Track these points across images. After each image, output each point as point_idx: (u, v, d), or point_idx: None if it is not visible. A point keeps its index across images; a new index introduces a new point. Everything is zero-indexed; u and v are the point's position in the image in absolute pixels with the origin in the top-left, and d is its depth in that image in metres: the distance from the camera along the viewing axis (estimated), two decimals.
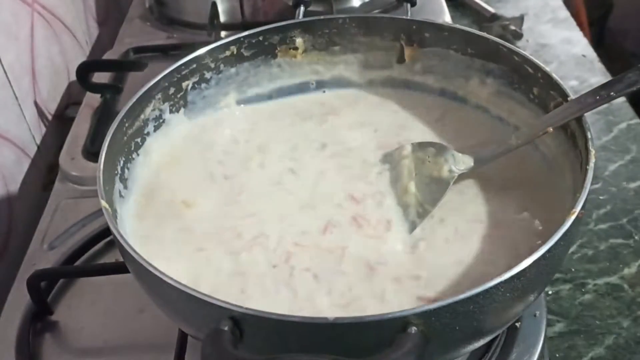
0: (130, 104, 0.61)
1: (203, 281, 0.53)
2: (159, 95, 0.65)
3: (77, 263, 0.73)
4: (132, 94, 0.62)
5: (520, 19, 1.17)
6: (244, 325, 0.42)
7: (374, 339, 0.42)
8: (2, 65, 0.85)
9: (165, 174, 0.64)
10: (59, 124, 1.00)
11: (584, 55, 1.12)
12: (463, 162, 0.60)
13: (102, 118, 0.91)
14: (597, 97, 0.55)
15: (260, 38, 0.71)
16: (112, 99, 0.96)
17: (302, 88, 0.74)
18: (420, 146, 0.63)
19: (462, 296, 0.42)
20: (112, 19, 1.29)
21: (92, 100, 0.96)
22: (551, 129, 0.57)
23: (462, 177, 0.60)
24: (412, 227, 0.57)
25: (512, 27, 1.15)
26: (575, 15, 1.32)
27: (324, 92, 0.74)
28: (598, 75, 1.06)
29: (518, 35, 1.15)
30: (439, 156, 0.61)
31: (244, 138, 0.68)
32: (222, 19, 1.09)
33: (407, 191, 0.59)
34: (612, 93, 0.54)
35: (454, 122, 0.68)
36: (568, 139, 0.58)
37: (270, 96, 0.73)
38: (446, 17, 1.08)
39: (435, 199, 0.58)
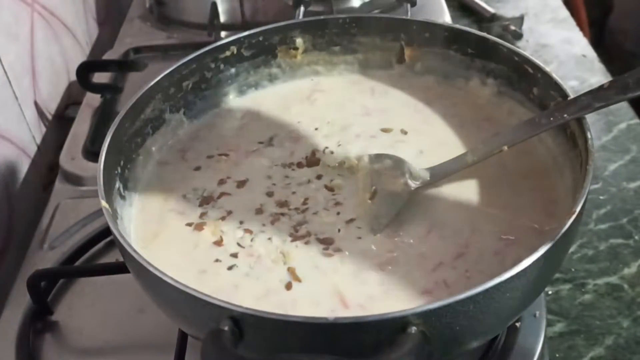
0: (130, 104, 0.61)
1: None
2: (159, 96, 0.65)
3: (77, 263, 0.73)
4: (132, 94, 0.62)
5: (520, 19, 1.17)
6: (244, 325, 0.42)
7: (374, 339, 0.42)
8: (2, 65, 0.85)
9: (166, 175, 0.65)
10: (59, 124, 1.00)
11: (584, 55, 1.12)
12: (419, 176, 0.59)
13: (102, 118, 0.92)
14: (551, 119, 0.56)
15: (260, 38, 0.71)
16: (112, 99, 0.96)
17: None
18: (377, 158, 0.62)
19: (462, 296, 0.42)
20: (112, 19, 1.29)
21: (92, 100, 0.96)
22: (506, 148, 0.58)
23: (460, 175, 0.60)
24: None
25: (512, 27, 1.15)
26: (575, 15, 1.32)
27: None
28: (598, 75, 1.06)
29: (518, 35, 1.15)
30: (396, 169, 0.60)
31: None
32: (222, 19, 1.09)
33: (363, 203, 0.59)
34: (565, 115, 0.55)
35: None
36: (568, 139, 0.58)
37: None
38: (446, 17, 1.08)
39: (390, 212, 0.57)
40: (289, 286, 0.52)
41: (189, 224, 0.58)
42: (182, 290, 0.44)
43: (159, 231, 0.58)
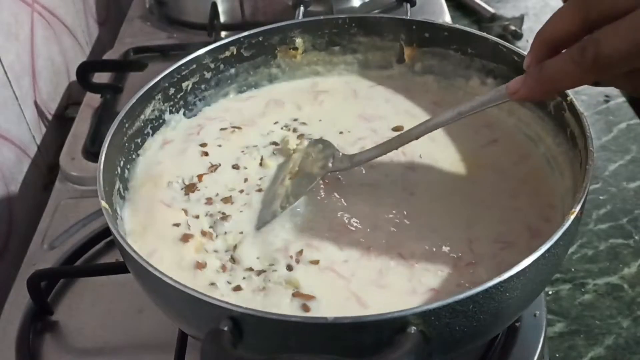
0: (130, 104, 0.61)
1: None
2: (159, 96, 0.65)
3: (77, 263, 0.73)
4: (132, 94, 0.62)
5: (520, 19, 1.17)
6: (244, 325, 0.42)
7: (373, 339, 0.42)
8: (2, 65, 0.85)
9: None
10: (59, 124, 1.00)
11: None
12: (341, 161, 0.60)
13: (102, 118, 0.92)
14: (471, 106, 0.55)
15: (260, 38, 0.71)
16: (112, 99, 0.96)
17: None
18: (315, 142, 0.64)
19: (462, 296, 0.42)
20: (112, 19, 1.29)
21: (92, 100, 0.96)
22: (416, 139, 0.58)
23: (460, 179, 0.60)
24: (271, 217, 0.58)
25: (512, 27, 1.15)
26: None
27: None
28: None
29: (518, 35, 1.15)
30: (322, 152, 0.61)
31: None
32: (222, 19, 1.09)
33: (282, 182, 0.61)
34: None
35: None
36: (568, 139, 0.58)
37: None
38: (446, 17, 1.08)
39: (300, 192, 0.59)
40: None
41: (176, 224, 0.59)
42: (182, 290, 0.44)
43: (147, 224, 0.58)
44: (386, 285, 0.52)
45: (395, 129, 0.67)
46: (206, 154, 0.65)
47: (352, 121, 0.69)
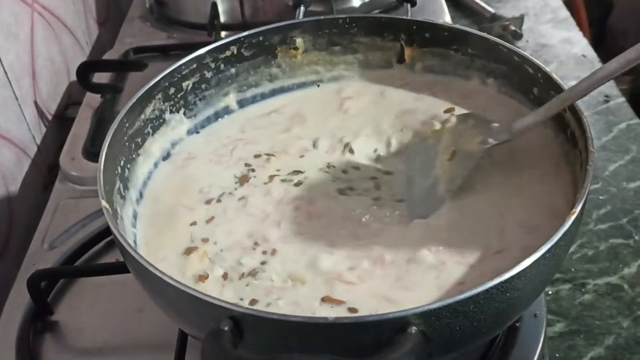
0: (130, 104, 0.61)
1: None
2: (159, 96, 0.65)
3: (77, 263, 0.73)
4: (132, 94, 0.62)
5: (520, 19, 1.17)
6: (244, 325, 0.42)
7: (373, 339, 0.42)
8: (2, 65, 0.85)
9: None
10: (59, 124, 1.00)
11: (583, 56, 1.12)
12: (500, 133, 0.58)
13: (102, 118, 0.91)
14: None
15: (261, 38, 0.71)
16: (112, 99, 0.96)
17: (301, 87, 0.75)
18: (465, 117, 0.62)
19: (462, 296, 0.42)
20: (112, 19, 1.29)
21: (92, 100, 0.96)
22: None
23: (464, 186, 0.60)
24: (439, 203, 0.56)
25: (512, 27, 1.15)
26: (575, 15, 1.32)
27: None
28: None
29: (518, 36, 1.15)
30: (476, 128, 0.60)
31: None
32: (222, 19, 1.09)
33: (441, 165, 0.59)
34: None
35: None
36: (568, 139, 0.58)
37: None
38: (446, 17, 1.08)
39: (463, 172, 0.57)
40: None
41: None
42: (182, 290, 0.44)
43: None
44: (412, 285, 0.52)
45: (447, 111, 0.66)
46: (252, 170, 0.64)
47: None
